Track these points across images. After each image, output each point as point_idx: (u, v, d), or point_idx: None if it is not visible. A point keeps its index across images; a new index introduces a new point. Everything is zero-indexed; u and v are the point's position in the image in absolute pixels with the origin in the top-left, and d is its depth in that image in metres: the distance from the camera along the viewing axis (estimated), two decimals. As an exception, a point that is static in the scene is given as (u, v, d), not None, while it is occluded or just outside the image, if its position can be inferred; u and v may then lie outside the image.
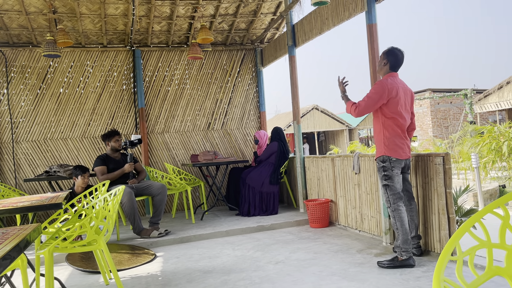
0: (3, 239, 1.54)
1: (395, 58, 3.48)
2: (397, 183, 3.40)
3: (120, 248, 4.53)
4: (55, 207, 2.64)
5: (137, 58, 6.79)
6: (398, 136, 3.40)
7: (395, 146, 3.39)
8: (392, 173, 3.38)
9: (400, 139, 3.41)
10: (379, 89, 3.37)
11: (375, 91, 3.39)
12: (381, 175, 3.44)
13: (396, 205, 3.38)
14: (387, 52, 3.51)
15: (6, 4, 5.53)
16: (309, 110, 25.64)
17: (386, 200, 3.44)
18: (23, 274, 2.39)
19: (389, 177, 3.39)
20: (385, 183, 3.41)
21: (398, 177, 3.41)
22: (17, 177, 6.28)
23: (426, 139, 19.46)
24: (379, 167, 3.46)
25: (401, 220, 3.36)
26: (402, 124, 3.44)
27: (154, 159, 6.93)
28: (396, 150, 3.38)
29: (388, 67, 3.50)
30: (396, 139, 3.39)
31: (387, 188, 3.41)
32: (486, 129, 10.72)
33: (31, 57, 6.41)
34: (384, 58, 3.51)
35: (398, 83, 3.45)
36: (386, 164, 3.39)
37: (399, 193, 3.40)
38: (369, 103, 3.40)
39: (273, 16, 6.82)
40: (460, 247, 1.40)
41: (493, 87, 17.99)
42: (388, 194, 3.41)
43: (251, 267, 3.65)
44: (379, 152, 3.45)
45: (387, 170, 3.39)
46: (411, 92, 3.58)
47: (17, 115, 6.34)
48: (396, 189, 3.39)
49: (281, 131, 6.30)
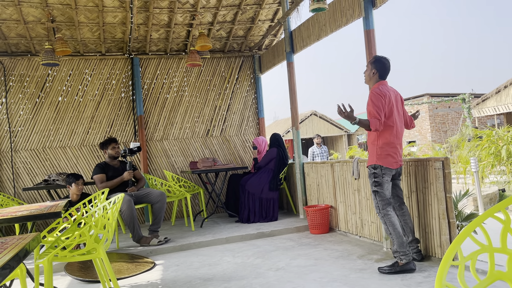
0: (2, 248, 1.53)
1: (382, 66, 3.52)
2: (386, 190, 3.44)
3: (120, 256, 4.51)
4: (54, 216, 2.63)
5: (136, 66, 6.81)
6: (391, 146, 3.42)
7: (387, 156, 3.41)
8: (382, 180, 3.42)
9: (392, 148, 3.42)
10: (377, 96, 3.36)
11: (376, 99, 3.36)
12: (371, 181, 3.49)
13: (385, 210, 3.41)
14: (374, 62, 3.53)
15: (4, 13, 5.55)
16: (307, 116, 25.69)
17: (376, 206, 3.48)
18: (22, 283, 2.37)
19: (379, 184, 3.42)
20: (375, 189, 3.45)
21: (388, 184, 3.45)
22: (16, 186, 6.26)
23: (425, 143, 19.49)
24: (370, 173, 3.50)
25: (392, 224, 3.38)
26: (399, 132, 3.46)
27: (153, 166, 6.92)
28: (388, 159, 3.41)
29: (377, 76, 3.52)
30: (389, 148, 3.42)
31: (376, 194, 3.45)
32: (485, 133, 10.74)
33: (29, 66, 6.42)
34: (372, 68, 3.53)
35: (389, 90, 3.46)
36: (377, 171, 3.43)
37: (388, 199, 3.44)
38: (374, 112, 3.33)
39: (271, 23, 6.85)
40: (462, 252, 1.40)
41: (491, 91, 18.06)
42: (377, 200, 3.44)
43: (251, 274, 3.63)
44: (371, 161, 3.48)
45: (377, 177, 3.43)
46: (400, 95, 3.60)
47: (15, 124, 6.34)
48: (385, 195, 3.43)
49: (280, 137, 6.30)
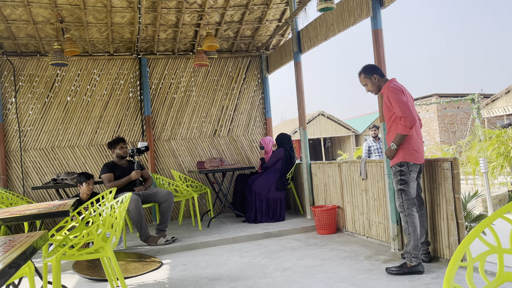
0: (9, 246, 1.55)
1: (376, 68, 3.58)
2: (412, 188, 3.37)
3: (127, 255, 4.53)
4: (63, 214, 2.65)
5: (144, 66, 6.84)
6: (414, 141, 3.37)
7: (413, 151, 3.35)
8: (409, 178, 3.35)
9: (416, 143, 3.37)
10: (396, 91, 3.32)
11: (397, 95, 3.29)
12: (397, 179, 3.40)
13: (410, 210, 3.35)
14: (368, 71, 3.55)
15: (14, 14, 5.61)
16: (315, 116, 25.64)
17: (400, 205, 3.40)
18: (30, 282, 2.39)
19: (406, 182, 3.35)
20: (401, 187, 3.38)
21: (414, 183, 3.38)
22: (25, 185, 6.32)
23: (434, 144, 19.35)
24: (395, 171, 3.41)
25: (414, 225, 3.33)
26: (418, 127, 3.43)
27: (161, 166, 6.94)
28: (415, 155, 3.34)
29: (379, 78, 3.53)
30: (413, 144, 3.36)
31: (402, 193, 3.38)
32: (495, 133, 10.64)
33: (38, 66, 6.48)
34: (370, 76, 3.53)
35: (402, 85, 3.44)
36: (404, 169, 3.35)
37: (413, 198, 3.38)
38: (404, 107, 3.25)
39: (278, 23, 6.84)
40: (470, 253, 1.38)
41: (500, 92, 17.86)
42: (403, 199, 3.37)
43: (258, 274, 3.62)
44: (397, 159, 3.38)
45: (404, 175, 3.35)
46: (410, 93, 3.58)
47: (25, 124, 6.40)
48: (411, 194, 3.37)
49: (287, 137, 6.29)
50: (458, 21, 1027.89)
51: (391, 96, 3.33)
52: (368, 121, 27.53)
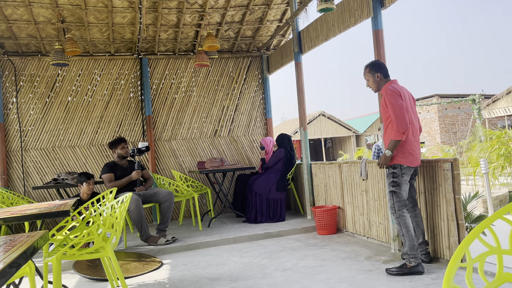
0: (10, 246, 1.55)
1: (382, 67, 3.54)
2: (403, 191, 3.39)
3: (127, 255, 4.53)
4: (63, 214, 2.65)
5: (144, 66, 6.84)
6: (410, 144, 3.37)
7: (408, 154, 3.35)
8: (401, 181, 3.36)
9: (412, 146, 3.37)
10: (393, 94, 3.31)
11: (394, 98, 3.29)
12: (389, 181, 3.42)
13: (401, 211, 3.37)
14: (372, 68, 3.53)
15: (15, 14, 5.62)
16: (316, 117, 25.64)
17: (391, 207, 3.43)
18: (31, 281, 2.39)
19: (398, 184, 3.37)
20: (393, 189, 3.39)
21: (406, 185, 3.40)
22: (25, 184, 6.33)
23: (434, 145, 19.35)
24: (388, 172, 3.43)
25: (406, 226, 3.34)
26: (415, 130, 3.43)
27: (161, 166, 6.95)
28: (409, 158, 3.35)
29: (382, 77, 3.51)
30: (409, 147, 3.36)
31: (393, 195, 3.39)
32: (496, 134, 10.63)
33: (39, 66, 6.48)
34: (373, 73, 3.52)
35: (402, 88, 3.43)
36: (397, 171, 3.37)
37: (404, 200, 3.40)
38: (397, 111, 3.25)
39: (279, 23, 6.85)
40: (470, 254, 1.38)
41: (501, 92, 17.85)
42: (394, 200, 3.39)
43: (258, 274, 3.63)
44: (391, 160, 3.39)
45: (396, 177, 3.37)
46: (411, 95, 3.57)
47: (26, 124, 6.40)
48: (402, 196, 3.38)
49: (288, 137, 6.29)
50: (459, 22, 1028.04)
51: (387, 99, 3.34)
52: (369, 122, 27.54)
